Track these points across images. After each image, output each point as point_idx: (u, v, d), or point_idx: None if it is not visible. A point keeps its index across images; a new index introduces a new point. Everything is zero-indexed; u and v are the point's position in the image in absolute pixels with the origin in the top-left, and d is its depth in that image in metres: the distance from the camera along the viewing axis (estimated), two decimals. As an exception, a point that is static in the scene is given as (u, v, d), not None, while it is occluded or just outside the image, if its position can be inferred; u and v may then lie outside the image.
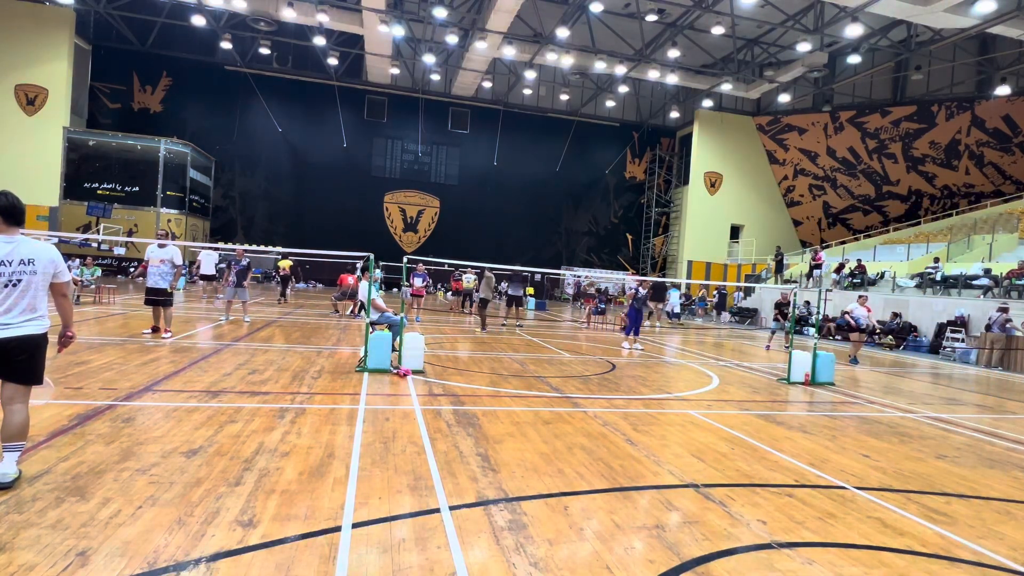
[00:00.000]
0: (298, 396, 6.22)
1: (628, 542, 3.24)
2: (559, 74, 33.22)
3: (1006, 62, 28.13)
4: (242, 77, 31.85)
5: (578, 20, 25.62)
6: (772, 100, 33.20)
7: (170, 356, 8.07)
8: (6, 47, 26.23)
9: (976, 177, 32.53)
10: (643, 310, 13.30)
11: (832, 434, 6.16)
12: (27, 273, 3.42)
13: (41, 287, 3.50)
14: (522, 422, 5.76)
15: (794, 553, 3.25)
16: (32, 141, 26.59)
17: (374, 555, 2.88)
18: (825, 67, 26.17)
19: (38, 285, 3.48)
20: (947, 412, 8.01)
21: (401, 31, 25.82)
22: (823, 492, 4.31)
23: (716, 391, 8.36)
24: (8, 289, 3.37)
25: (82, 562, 2.63)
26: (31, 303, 3.45)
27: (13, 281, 3.38)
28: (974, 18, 20.34)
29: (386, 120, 34.88)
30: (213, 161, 32.21)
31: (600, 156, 37.77)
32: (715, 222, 34.42)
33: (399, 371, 7.80)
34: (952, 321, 16.94)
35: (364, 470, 4.08)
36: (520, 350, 11.52)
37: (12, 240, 3.41)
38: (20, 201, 3.50)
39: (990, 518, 4.02)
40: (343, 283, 16.79)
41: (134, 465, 3.86)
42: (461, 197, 35.76)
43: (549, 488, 3.99)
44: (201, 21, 25.82)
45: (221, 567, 2.68)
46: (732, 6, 23.86)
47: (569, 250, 38.11)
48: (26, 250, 3.44)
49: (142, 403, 5.47)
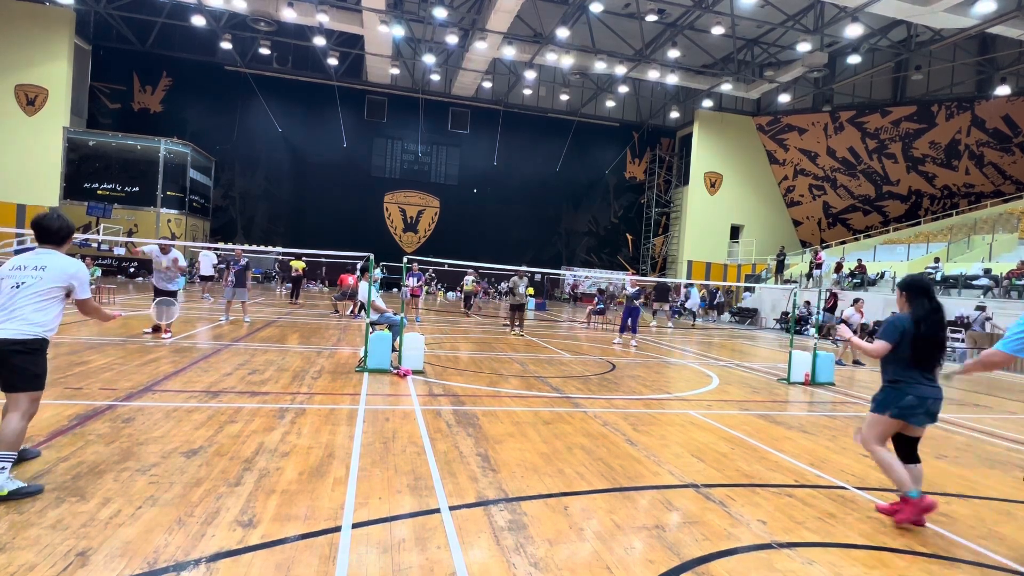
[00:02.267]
0: (298, 396, 6.22)
1: (628, 542, 3.24)
2: (559, 74, 33.22)
3: (1006, 62, 28.13)
4: (242, 77, 31.85)
5: (578, 20, 25.62)
6: (772, 100, 33.20)
7: (170, 356, 8.07)
8: (6, 47, 26.23)
9: (976, 177, 32.52)
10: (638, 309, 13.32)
11: (832, 434, 6.15)
12: (33, 278, 3.42)
13: (44, 296, 3.43)
14: (522, 422, 5.76)
15: (794, 553, 3.25)
16: (32, 141, 26.59)
17: (374, 555, 2.88)
18: (825, 67, 26.15)
19: (41, 293, 3.41)
20: (947, 412, 8.00)
21: (401, 31, 25.82)
22: (823, 492, 4.31)
23: (716, 391, 8.36)
24: (11, 291, 3.38)
25: (82, 562, 2.63)
26: (27, 307, 3.36)
27: (18, 283, 3.40)
28: (974, 18, 20.34)
29: (386, 120, 34.88)
30: (213, 161, 32.21)
31: (600, 156, 37.77)
32: (715, 222, 34.41)
33: (399, 371, 7.80)
34: (952, 321, 16.94)
35: (364, 470, 4.08)
36: (520, 350, 11.52)
37: (40, 253, 3.52)
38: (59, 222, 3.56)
39: (990, 518, 4.02)
40: (343, 283, 16.79)
41: (134, 465, 3.86)
42: (461, 197, 35.76)
43: (549, 488, 3.99)
44: (201, 21, 25.82)
45: (221, 567, 2.68)
46: (732, 6, 23.86)
47: (569, 250, 38.11)
48: (45, 260, 3.49)
49: (142, 403, 5.47)
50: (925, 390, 3.69)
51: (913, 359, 3.71)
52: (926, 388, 3.70)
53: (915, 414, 3.68)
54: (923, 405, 3.67)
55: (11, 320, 3.33)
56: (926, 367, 3.74)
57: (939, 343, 3.74)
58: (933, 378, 3.77)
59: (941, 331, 3.74)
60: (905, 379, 3.72)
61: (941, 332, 3.74)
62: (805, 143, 34.33)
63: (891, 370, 3.81)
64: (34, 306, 3.39)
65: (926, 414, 3.70)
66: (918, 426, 3.77)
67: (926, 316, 3.72)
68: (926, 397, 3.67)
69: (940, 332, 3.74)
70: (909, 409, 3.67)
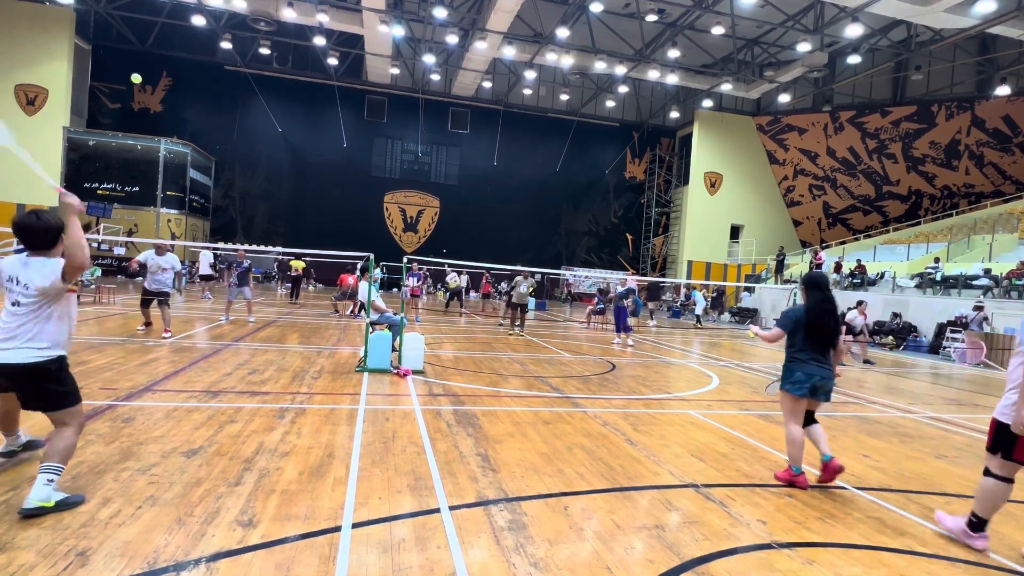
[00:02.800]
0: (298, 396, 6.22)
1: (628, 542, 3.24)
2: (559, 74, 33.22)
3: (1006, 62, 28.13)
4: (242, 77, 31.84)
5: (578, 20, 25.62)
6: (772, 100, 33.19)
7: (170, 356, 8.07)
8: (6, 47, 26.22)
9: (976, 177, 32.52)
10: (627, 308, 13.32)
11: (832, 434, 6.16)
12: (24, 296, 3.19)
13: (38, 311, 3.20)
14: (522, 422, 5.76)
15: (794, 553, 3.25)
16: (32, 141, 26.54)
17: (374, 555, 2.88)
18: (825, 67, 26.14)
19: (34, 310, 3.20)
20: (947, 412, 8.01)
21: (401, 31, 25.81)
22: (823, 492, 4.31)
23: (716, 391, 8.36)
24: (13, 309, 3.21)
25: (82, 562, 2.63)
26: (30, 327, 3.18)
27: (15, 302, 3.21)
28: (974, 18, 20.33)
29: (386, 120, 34.87)
30: (213, 161, 32.20)
31: (600, 156, 37.76)
32: (715, 222, 34.41)
33: (399, 371, 7.80)
34: (952, 321, 16.94)
35: (364, 470, 4.08)
36: (520, 350, 11.52)
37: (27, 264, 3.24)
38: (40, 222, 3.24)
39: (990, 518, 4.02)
40: (343, 283, 16.80)
41: (134, 465, 3.86)
42: (461, 197, 35.75)
43: (549, 488, 3.99)
44: (201, 21, 25.82)
45: (221, 567, 2.68)
46: (732, 6, 23.86)
47: (569, 250, 38.10)
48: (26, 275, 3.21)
49: (142, 403, 5.47)
50: (813, 368, 4.28)
51: (805, 343, 4.33)
52: (814, 367, 4.28)
53: (802, 388, 4.27)
54: (810, 381, 4.26)
55: (20, 347, 3.15)
56: (816, 350, 4.32)
57: (827, 329, 4.32)
58: (824, 360, 4.34)
59: (829, 319, 4.33)
60: (797, 359, 4.35)
61: (829, 320, 4.33)
62: (805, 143, 34.33)
63: (788, 353, 4.45)
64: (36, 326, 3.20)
65: (813, 389, 4.28)
66: (813, 399, 4.35)
67: (815, 306, 4.32)
68: (813, 374, 4.27)
69: (827, 320, 4.32)
70: (797, 384, 4.29)
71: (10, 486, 3.41)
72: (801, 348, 4.34)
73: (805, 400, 4.34)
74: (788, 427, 4.40)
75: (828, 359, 4.36)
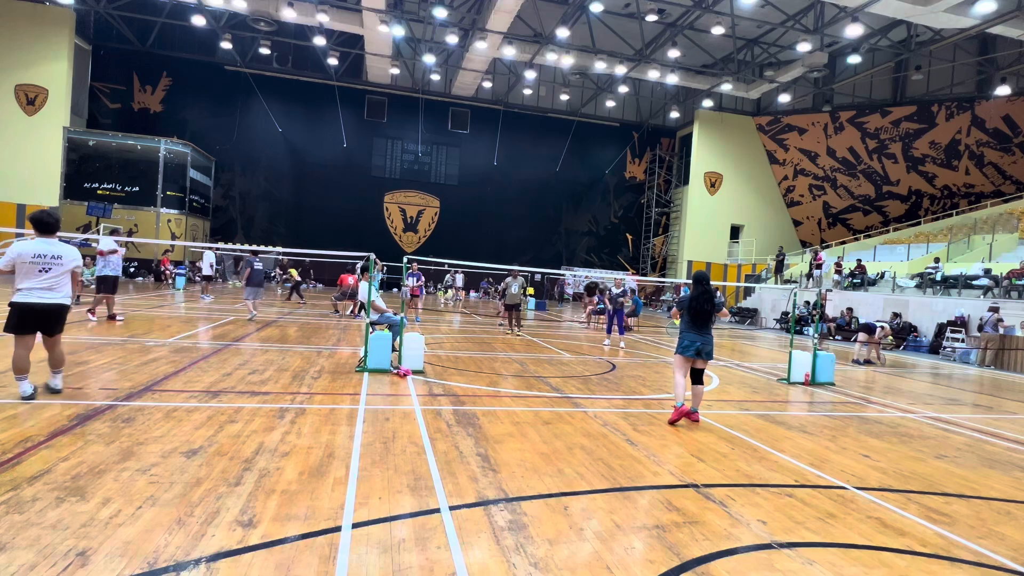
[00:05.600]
0: (298, 396, 6.22)
1: (628, 542, 3.24)
2: (559, 74, 33.22)
3: (1006, 62, 28.14)
4: (242, 77, 31.84)
5: (578, 20, 25.61)
6: (772, 100, 33.20)
7: (170, 356, 8.08)
8: (6, 47, 26.21)
9: (976, 177, 32.53)
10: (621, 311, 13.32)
11: (832, 434, 6.16)
12: (55, 264, 5.27)
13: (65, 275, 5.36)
14: (522, 422, 5.76)
15: (794, 553, 3.25)
16: (32, 141, 26.57)
17: (374, 555, 2.88)
18: (825, 67, 26.14)
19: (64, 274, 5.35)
20: (947, 412, 8.01)
21: (401, 31, 25.81)
22: (823, 492, 4.31)
23: (716, 391, 8.36)
24: (42, 273, 5.20)
25: (82, 562, 2.63)
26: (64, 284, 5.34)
27: (44, 268, 5.20)
28: (974, 18, 20.34)
29: (386, 120, 34.87)
30: (213, 161, 32.19)
31: (600, 156, 37.76)
32: (715, 222, 34.41)
33: (399, 371, 7.80)
34: (952, 321, 16.95)
35: (364, 470, 4.08)
36: (520, 350, 11.52)
37: (50, 244, 5.32)
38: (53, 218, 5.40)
39: (990, 518, 4.02)
40: (343, 283, 16.79)
41: (134, 465, 3.86)
42: (461, 197, 35.74)
43: (549, 488, 3.99)
44: (201, 21, 25.81)
45: (221, 567, 2.68)
46: (732, 6, 23.86)
47: (569, 250, 38.10)
48: (58, 250, 5.34)
49: (142, 403, 5.47)
50: (694, 336, 6.14)
51: (690, 319, 6.21)
52: (695, 335, 6.14)
53: (687, 351, 6.14)
54: (693, 346, 6.11)
55: (58, 293, 5.29)
56: (697, 324, 6.17)
57: (703, 311, 6.14)
58: (704, 330, 6.16)
59: (705, 303, 6.16)
60: (685, 331, 6.23)
61: (705, 304, 6.16)
62: (805, 143, 34.34)
63: (680, 326, 6.34)
64: (64, 281, 5.36)
65: (696, 352, 6.11)
66: (696, 358, 6.17)
67: (697, 296, 6.21)
68: (695, 340, 6.12)
69: (704, 304, 6.16)
70: (683, 348, 6.19)
71: (10, 486, 3.41)
72: (688, 323, 6.21)
73: (691, 359, 6.18)
74: (675, 376, 6.30)
75: (707, 330, 6.17)
